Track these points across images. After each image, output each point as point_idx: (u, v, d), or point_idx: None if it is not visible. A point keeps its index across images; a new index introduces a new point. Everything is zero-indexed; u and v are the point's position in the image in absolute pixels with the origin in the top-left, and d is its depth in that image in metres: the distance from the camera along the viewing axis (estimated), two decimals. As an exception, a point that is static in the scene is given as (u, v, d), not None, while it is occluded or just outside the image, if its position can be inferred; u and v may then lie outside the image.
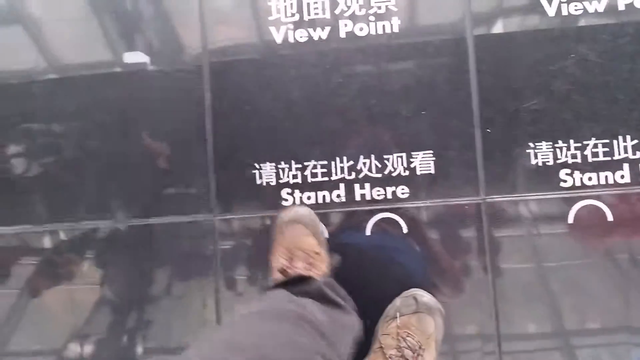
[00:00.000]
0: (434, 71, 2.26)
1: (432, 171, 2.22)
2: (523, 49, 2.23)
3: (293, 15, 2.35)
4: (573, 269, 2.17)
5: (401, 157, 2.24)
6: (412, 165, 2.24)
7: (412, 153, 2.24)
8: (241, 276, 2.30)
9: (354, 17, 2.32)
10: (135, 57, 2.40)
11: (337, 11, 2.33)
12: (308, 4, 2.34)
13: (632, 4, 2.23)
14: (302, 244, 1.97)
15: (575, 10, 2.25)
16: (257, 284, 2.29)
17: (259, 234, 2.27)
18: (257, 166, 2.29)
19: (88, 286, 2.37)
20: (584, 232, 2.17)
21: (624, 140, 2.18)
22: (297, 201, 2.26)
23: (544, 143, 2.20)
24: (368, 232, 2.22)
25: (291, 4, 2.35)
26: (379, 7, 2.31)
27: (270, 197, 2.27)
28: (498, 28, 2.25)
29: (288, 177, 2.27)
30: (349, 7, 2.33)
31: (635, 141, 2.17)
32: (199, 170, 2.32)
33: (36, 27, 2.47)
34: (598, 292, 2.15)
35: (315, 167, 2.27)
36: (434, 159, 2.23)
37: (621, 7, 2.24)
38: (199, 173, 2.32)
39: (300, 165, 2.28)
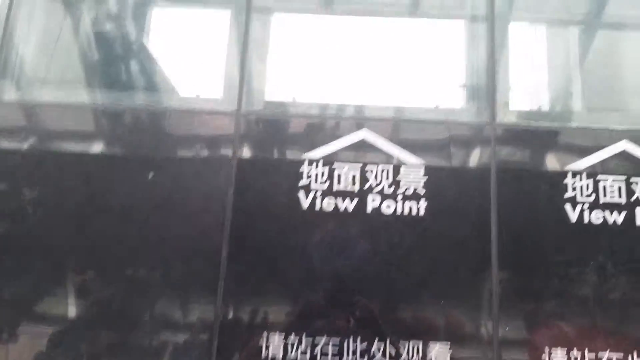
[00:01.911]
0: (455, 262, 2.27)
1: (448, 364, 2.16)
2: (545, 251, 2.27)
3: (323, 183, 2.36)
4: None
5: (417, 345, 2.18)
6: (428, 356, 2.17)
7: (429, 342, 2.18)
8: None
9: (382, 194, 2.35)
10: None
11: (366, 186, 2.36)
12: (339, 175, 2.37)
13: (647, 220, 2.31)
14: None
15: (597, 219, 2.31)
16: None
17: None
18: (265, 336, 2.19)
19: None
20: None
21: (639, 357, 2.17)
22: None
23: (559, 349, 2.18)
24: None
25: (323, 172, 2.37)
26: (408, 188, 2.35)
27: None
28: (522, 230, 2.30)
29: (297, 352, 2.17)
30: (378, 184, 2.36)
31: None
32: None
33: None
34: None
35: (327, 344, 2.18)
36: (450, 351, 2.17)
37: (638, 222, 2.31)
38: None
39: (311, 339, 2.18)
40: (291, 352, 2.17)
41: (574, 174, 2.36)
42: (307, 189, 2.35)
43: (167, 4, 3.37)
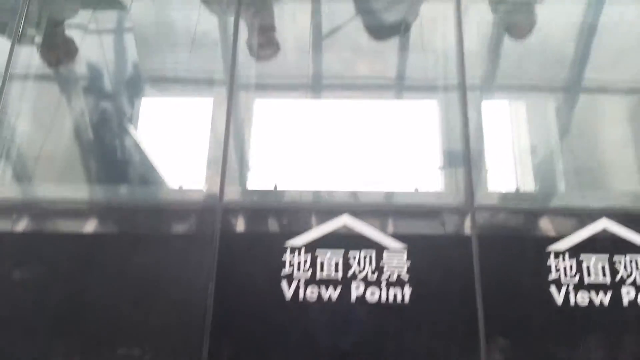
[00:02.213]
0: (443, 349, 2.21)
1: None
2: (534, 336, 2.22)
3: (306, 271, 2.34)
4: None
5: None
6: None
7: None
8: None
9: (366, 281, 2.32)
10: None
11: (349, 273, 2.33)
12: (322, 263, 2.35)
13: (635, 301, 2.28)
14: None
15: (582, 300, 2.29)
16: None
17: None
18: None
19: None
20: None
21: None
22: None
23: None
24: None
25: (305, 260, 2.35)
26: (392, 274, 2.33)
27: None
28: (510, 316, 2.27)
29: None
30: (362, 270, 2.34)
31: None
32: None
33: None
34: None
35: None
36: None
37: (625, 302, 2.29)
38: None
39: None
40: None
41: (557, 255, 2.35)
42: (290, 278, 2.33)
43: (153, 93, 3.48)
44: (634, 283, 2.30)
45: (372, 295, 2.31)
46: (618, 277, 2.33)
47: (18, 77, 2.95)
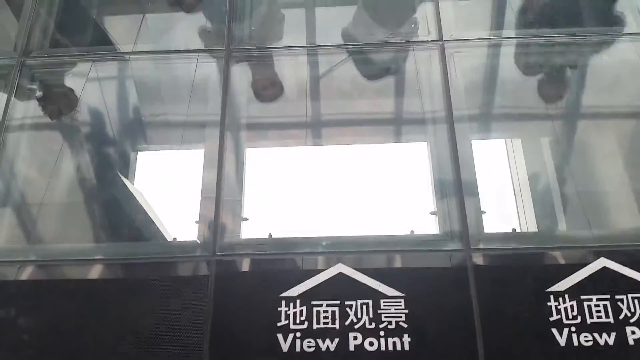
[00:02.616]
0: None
1: None
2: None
3: (302, 322, 2.29)
4: None
5: None
6: None
7: None
8: None
9: (364, 330, 2.27)
10: None
11: (347, 322, 2.29)
12: (318, 313, 2.31)
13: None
14: None
15: (586, 341, 2.23)
16: None
17: None
18: None
19: None
20: None
21: None
22: None
23: None
24: None
25: (301, 311, 2.31)
26: (390, 322, 2.28)
27: None
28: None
29: None
30: (359, 319, 2.29)
31: None
32: None
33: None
34: None
35: None
36: None
37: (631, 342, 2.23)
38: None
39: None
40: None
41: (556, 296, 2.31)
42: (285, 329, 2.28)
43: (150, 143, 3.52)
44: (638, 322, 2.25)
45: (371, 345, 2.25)
46: (622, 316, 2.28)
47: (13, 129, 2.99)
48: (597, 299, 2.31)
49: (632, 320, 2.26)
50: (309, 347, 2.25)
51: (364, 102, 3.32)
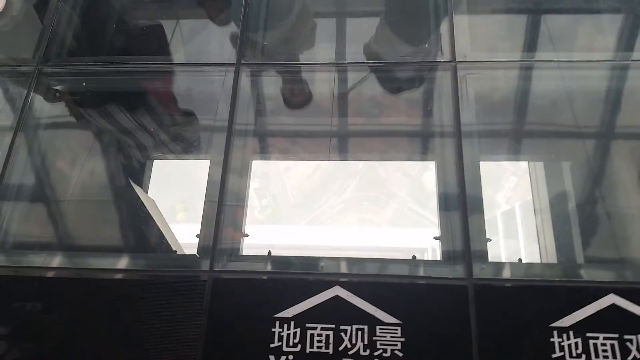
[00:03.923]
0: None
1: None
2: None
3: (295, 345, 2.25)
4: None
5: None
6: None
7: None
8: None
9: (357, 357, 2.21)
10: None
11: (341, 347, 2.23)
12: (312, 336, 2.26)
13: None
14: None
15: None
16: None
17: None
18: None
19: None
20: None
21: None
22: None
23: None
24: None
25: (295, 333, 2.27)
26: (385, 350, 2.22)
27: None
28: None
29: None
30: (353, 345, 2.24)
31: None
32: None
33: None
34: None
35: None
36: None
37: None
38: None
39: None
40: None
41: (560, 332, 2.22)
42: (278, 351, 2.24)
43: (162, 156, 3.54)
44: (648, 365, 2.14)
45: (364, 373, 2.19)
46: (630, 358, 2.17)
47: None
48: (604, 338, 2.21)
49: (641, 363, 2.15)
50: (301, 371, 2.21)
51: (375, 119, 3.28)
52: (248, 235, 2.68)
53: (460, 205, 2.54)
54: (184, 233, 3.10)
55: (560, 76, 2.88)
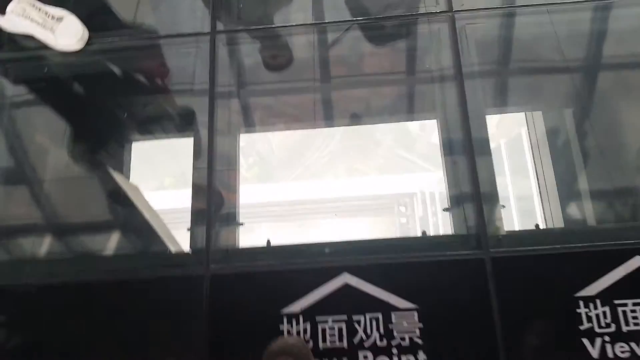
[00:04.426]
0: None
1: None
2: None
3: (307, 342, 2.10)
4: None
5: None
6: None
7: None
8: None
9: (375, 349, 2.07)
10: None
11: (355, 340, 2.09)
12: (323, 330, 2.11)
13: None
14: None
15: (622, 352, 2.01)
16: None
17: None
18: None
19: None
20: None
21: None
22: None
23: None
24: None
25: (305, 328, 2.12)
26: (403, 339, 2.08)
27: None
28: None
29: None
30: (368, 336, 2.09)
31: None
32: None
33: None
34: None
35: None
36: None
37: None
38: None
39: None
40: None
41: (586, 302, 2.08)
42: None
43: (140, 137, 3.28)
44: (681, 328, 2.01)
45: (383, 364, 2.06)
46: (661, 322, 2.04)
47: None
48: (634, 304, 2.08)
49: (673, 325, 2.02)
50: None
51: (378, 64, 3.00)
52: (243, 224, 2.48)
53: (469, 170, 2.34)
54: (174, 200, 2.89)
55: (568, 20, 2.63)
